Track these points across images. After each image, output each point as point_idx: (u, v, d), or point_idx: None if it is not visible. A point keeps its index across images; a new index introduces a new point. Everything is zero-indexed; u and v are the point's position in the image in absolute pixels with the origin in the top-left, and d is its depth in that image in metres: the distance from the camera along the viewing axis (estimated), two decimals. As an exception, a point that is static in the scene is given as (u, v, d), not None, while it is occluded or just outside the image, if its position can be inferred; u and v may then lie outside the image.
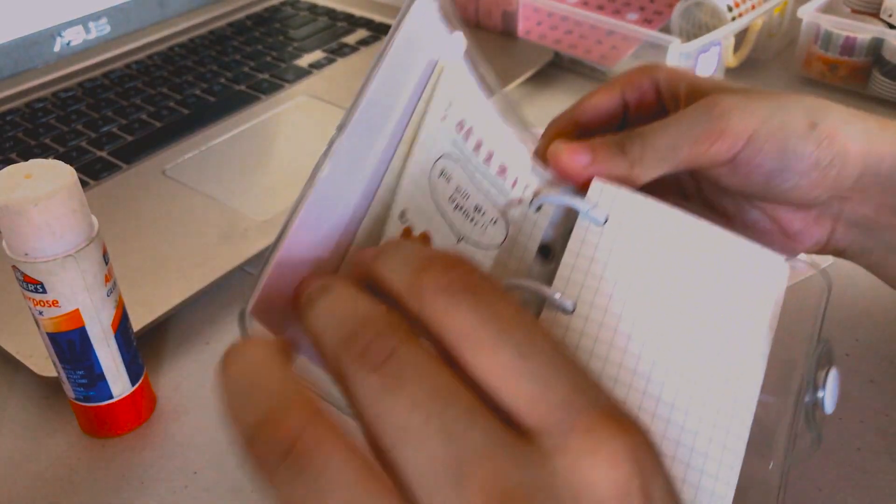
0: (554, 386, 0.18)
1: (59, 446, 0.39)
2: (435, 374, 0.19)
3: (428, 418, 0.18)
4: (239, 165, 0.56)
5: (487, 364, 0.19)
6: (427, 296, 0.20)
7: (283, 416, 0.19)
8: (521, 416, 0.18)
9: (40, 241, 0.32)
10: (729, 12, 0.66)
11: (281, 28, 0.76)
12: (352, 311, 0.20)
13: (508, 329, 0.19)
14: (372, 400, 0.19)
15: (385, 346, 0.19)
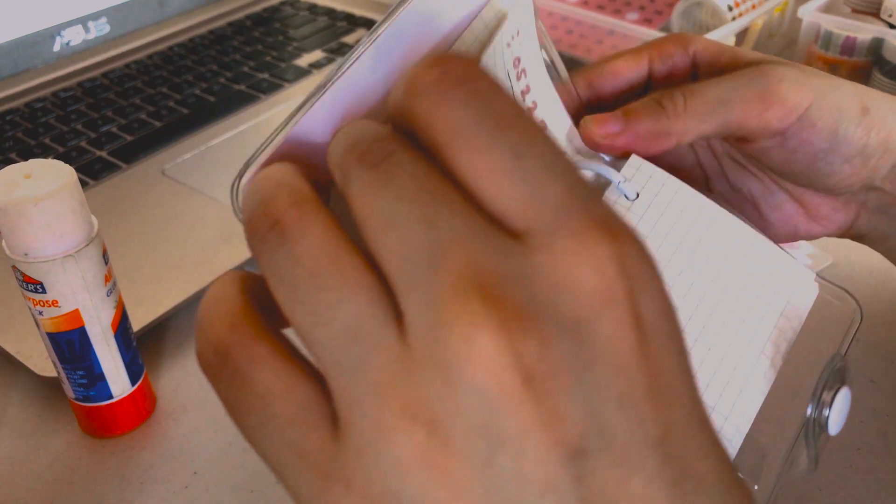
0: (548, 187, 0.17)
1: (59, 446, 0.39)
2: (425, 174, 0.18)
3: (411, 208, 0.17)
4: (239, 165, 0.55)
5: (480, 164, 0.18)
6: (421, 90, 0.18)
7: (272, 198, 0.19)
8: (510, 217, 0.17)
9: (40, 241, 0.32)
10: (729, 12, 0.66)
11: (281, 28, 0.76)
12: (361, 127, 0.20)
13: (505, 126, 0.18)
14: (363, 193, 0.18)
15: (384, 149, 0.19)
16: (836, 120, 0.33)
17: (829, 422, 0.28)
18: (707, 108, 0.32)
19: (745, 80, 0.33)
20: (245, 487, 0.37)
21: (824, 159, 0.33)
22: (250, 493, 0.36)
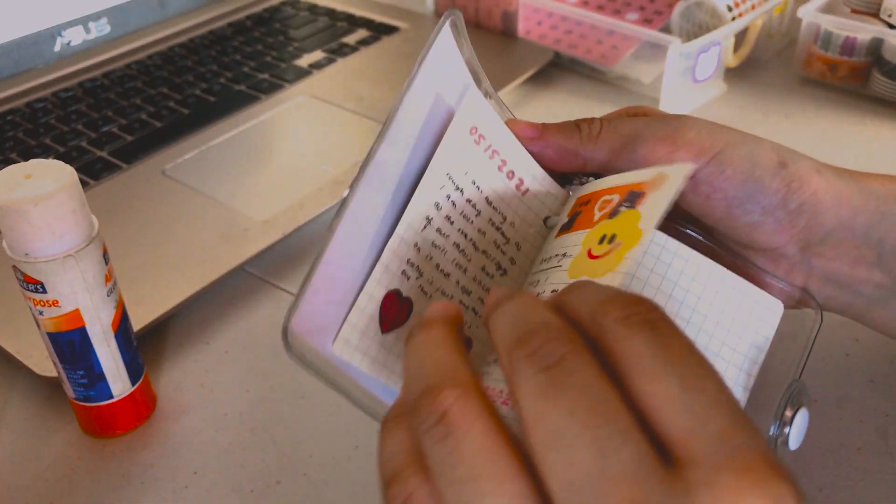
0: (710, 420, 0.19)
1: (59, 446, 0.39)
2: (598, 389, 0.19)
3: (583, 429, 0.19)
4: (239, 165, 0.56)
5: (650, 390, 0.19)
6: (608, 322, 0.21)
7: (440, 388, 0.21)
8: (675, 445, 0.19)
9: (40, 241, 0.32)
10: (729, 12, 0.66)
11: (281, 28, 0.76)
12: (531, 314, 0.22)
13: (677, 362, 0.20)
14: (534, 398, 0.20)
15: (556, 350, 0.20)
16: (749, 168, 0.32)
17: (789, 438, 0.31)
18: (618, 140, 0.33)
19: (660, 121, 0.34)
20: (245, 487, 0.37)
21: (741, 207, 0.33)
22: (250, 493, 0.36)
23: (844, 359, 0.42)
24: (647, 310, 0.21)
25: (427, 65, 0.29)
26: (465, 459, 0.20)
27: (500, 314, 0.23)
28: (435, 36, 0.29)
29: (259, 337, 0.45)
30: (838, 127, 0.63)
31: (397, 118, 0.28)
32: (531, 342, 0.21)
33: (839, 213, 0.33)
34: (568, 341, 0.20)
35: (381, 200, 0.29)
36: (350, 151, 0.57)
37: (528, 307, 0.22)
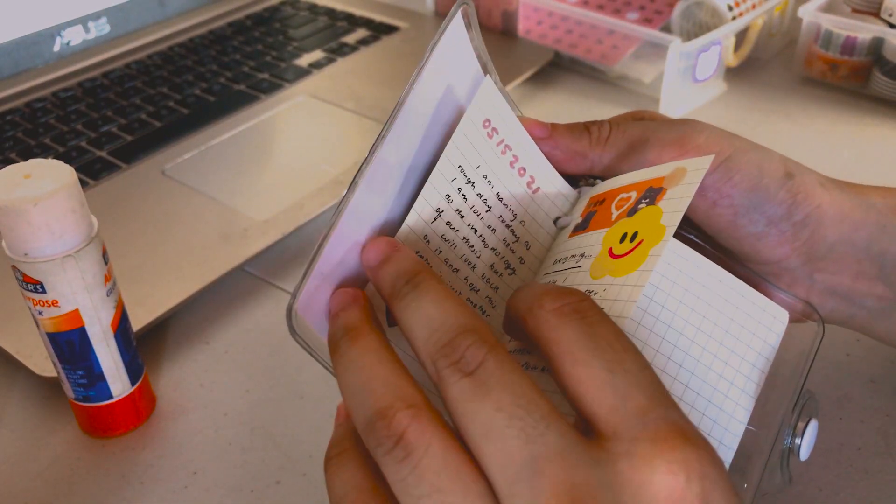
0: (631, 398, 0.21)
1: (59, 446, 0.39)
2: (517, 383, 0.21)
3: (510, 420, 0.21)
4: (239, 165, 0.56)
5: (578, 374, 0.22)
6: (542, 313, 0.23)
7: (394, 411, 0.22)
8: (599, 422, 0.21)
9: (40, 241, 0.32)
10: (729, 11, 0.66)
11: (281, 28, 0.76)
12: (445, 317, 0.23)
13: (603, 347, 0.22)
14: (462, 401, 0.22)
15: (477, 356, 0.22)
16: (756, 176, 0.32)
17: (800, 449, 0.31)
18: (626, 144, 0.34)
19: (668, 125, 0.34)
20: (245, 487, 0.37)
21: (746, 216, 0.33)
22: (250, 493, 0.36)
23: (845, 359, 0.42)
24: (578, 300, 0.23)
25: (438, 52, 0.29)
26: (428, 476, 0.21)
27: (411, 312, 0.24)
28: (446, 24, 0.29)
29: (259, 337, 0.45)
30: (839, 127, 0.63)
31: (406, 106, 0.28)
32: (453, 352, 0.22)
33: (841, 228, 0.33)
34: (483, 342, 0.22)
35: (389, 187, 0.29)
36: (350, 151, 0.56)
37: (440, 304, 0.24)
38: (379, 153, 0.27)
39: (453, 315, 0.23)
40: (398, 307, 0.25)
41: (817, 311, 0.34)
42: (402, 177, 0.29)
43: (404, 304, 0.24)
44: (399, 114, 0.28)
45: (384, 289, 0.26)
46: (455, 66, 0.31)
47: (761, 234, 0.33)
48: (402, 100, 0.28)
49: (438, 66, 0.29)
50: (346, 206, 0.27)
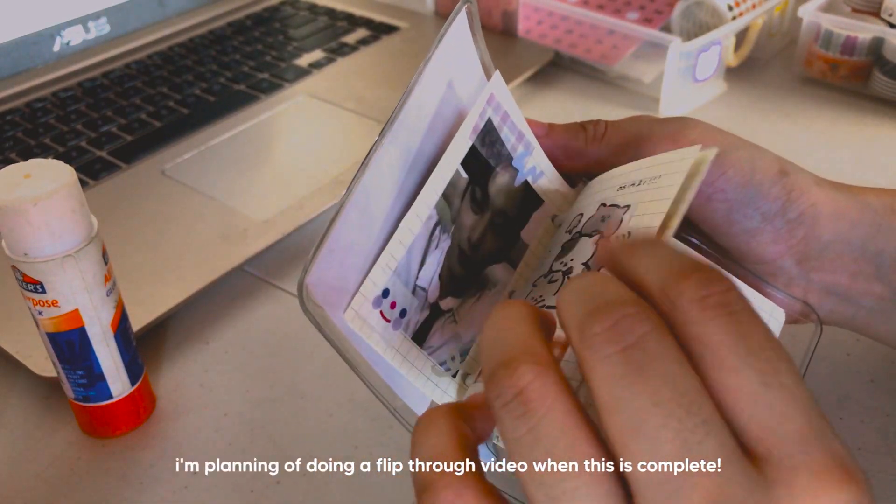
0: (790, 419, 0.19)
1: (59, 446, 0.39)
2: (681, 376, 0.19)
3: (666, 419, 0.18)
4: (239, 165, 0.56)
5: (728, 383, 0.19)
6: (682, 302, 0.20)
7: (518, 363, 0.20)
8: (752, 440, 0.19)
9: (39, 241, 0.32)
10: (729, 11, 0.66)
11: (280, 28, 0.76)
12: (604, 289, 0.21)
13: (756, 355, 0.19)
14: (612, 382, 0.19)
15: (635, 328, 0.19)
16: (750, 172, 0.32)
17: None
18: (621, 141, 0.34)
19: (662, 122, 0.34)
20: (245, 487, 0.37)
21: (741, 212, 0.33)
22: (250, 493, 0.36)
23: (845, 358, 0.42)
24: (724, 290, 0.20)
25: (442, 48, 0.29)
26: (544, 440, 0.19)
27: (567, 291, 0.21)
28: (450, 22, 0.30)
29: (259, 337, 0.45)
30: (839, 126, 0.63)
31: (411, 98, 0.29)
32: (607, 317, 0.19)
33: (836, 226, 0.33)
34: (646, 319, 0.19)
35: (395, 177, 0.29)
36: (350, 151, 0.56)
37: (599, 280, 0.21)
38: (385, 140, 0.28)
39: (616, 287, 0.21)
40: (559, 296, 0.22)
41: (815, 310, 0.34)
42: (407, 166, 0.30)
43: (564, 288, 0.22)
44: (404, 106, 0.28)
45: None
46: (458, 63, 0.31)
47: (756, 230, 0.33)
48: (406, 92, 0.28)
49: (442, 62, 0.30)
50: (356, 186, 0.27)
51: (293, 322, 0.46)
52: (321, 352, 0.44)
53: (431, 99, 0.30)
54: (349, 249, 0.28)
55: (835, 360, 0.42)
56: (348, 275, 0.28)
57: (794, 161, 0.35)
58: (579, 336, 0.20)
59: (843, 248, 0.34)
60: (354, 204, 0.27)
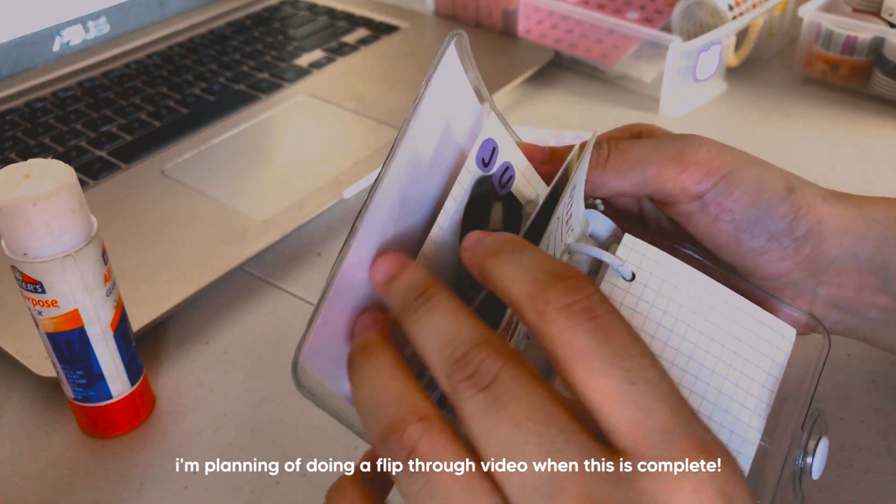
0: (655, 413, 0.20)
1: (59, 446, 0.39)
2: (534, 395, 0.21)
3: (528, 436, 0.20)
4: (238, 165, 0.56)
5: (595, 385, 0.20)
6: (549, 312, 0.21)
7: (405, 424, 0.22)
8: (619, 436, 0.20)
9: (39, 241, 0.32)
10: (730, 11, 0.66)
11: (280, 27, 0.76)
12: (457, 330, 0.23)
13: (620, 355, 0.20)
14: (479, 416, 0.21)
15: (491, 369, 0.21)
16: (758, 190, 0.32)
17: (812, 468, 0.31)
18: (626, 165, 0.33)
19: (667, 142, 0.33)
20: (245, 488, 0.37)
21: (748, 230, 0.33)
22: (250, 493, 0.36)
23: (846, 359, 0.42)
24: (588, 295, 0.21)
25: (433, 86, 0.28)
26: (441, 489, 0.21)
27: (422, 328, 0.23)
28: (440, 57, 0.28)
29: (259, 337, 0.45)
30: (839, 126, 0.63)
31: (404, 143, 0.27)
32: (467, 367, 0.22)
33: (843, 241, 0.33)
34: (499, 356, 0.21)
35: (389, 231, 0.28)
36: (350, 151, 0.56)
37: (449, 317, 0.23)
38: (377, 196, 0.26)
39: (467, 327, 0.23)
40: (409, 322, 0.24)
41: (822, 323, 0.34)
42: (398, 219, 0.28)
43: (415, 319, 0.24)
44: (397, 152, 0.26)
45: (395, 305, 0.25)
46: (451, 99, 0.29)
47: (763, 248, 0.33)
48: (399, 137, 0.27)
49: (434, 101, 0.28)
50: (346, 255, 0.26)
51: (293, 322, 0.46)
52: (321, 352, 0.44)
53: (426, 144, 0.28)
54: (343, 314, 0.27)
55: (835, 360, 0.42)
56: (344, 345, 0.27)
57: (794, 161, 0.34)
58: (446, 382, 0.22)
59: (849, 262, 0.33)
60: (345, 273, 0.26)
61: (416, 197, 0.29)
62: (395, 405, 0.23)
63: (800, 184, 0.33)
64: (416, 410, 0.22)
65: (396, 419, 0.22)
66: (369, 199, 0.26)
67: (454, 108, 0.30)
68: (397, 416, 0.22)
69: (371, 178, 0.53)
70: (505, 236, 0.25)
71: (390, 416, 0.22)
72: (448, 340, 0.22)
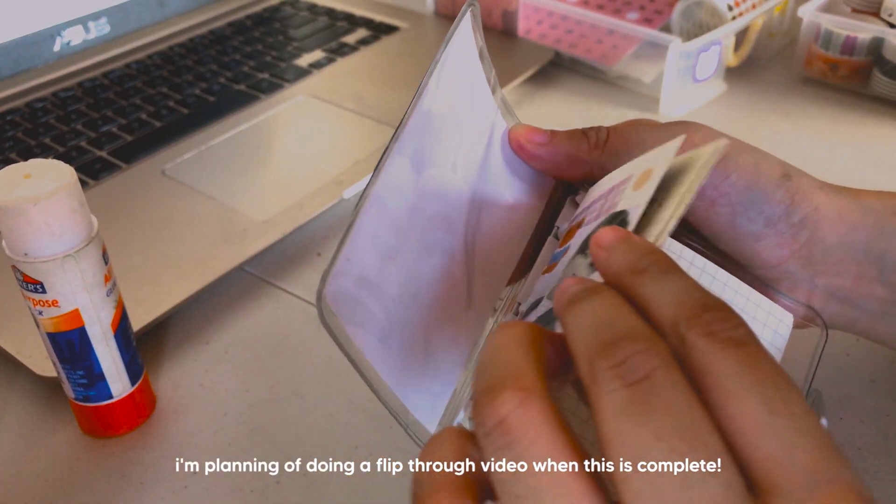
0: (799, 449, 0.18)
1: (59, 446, 0.39)
2: (687, 410, 0.18)
3: (669, 455, 0.18)
4: (239, 165, 0.56)
5: (734, 411, 0.18)
6: (691, 337, 0.19)
7: (501, 390, 0.19)
8: (759, 471, 0.18)
9: (40, 241, 0.32)
10: (729, 11, 0.66)
11: (281, 28, 0.76)
12: (615, 319, 0.20)
13: (765, 384, 0.19)
14: (616, 415, 0.19)
15: (644, 365, 0.19)
16: (754, 175, 0.32)
17: None
18: (623, 147, 0.33)
19: (664, 126, 0.34)
20: (245, 487, 0.37)
21: (745, 215, 0.33)
22: (250, 493, 0.36)
23: (845, 358, 0.42)
24: (734, 326, 0.20)
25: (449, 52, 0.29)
26: (527, 475, 0.18)
27: (580, 313, 0.21)
28: (456, 25, 0.30)
29: (259, 337, 0.45)
30: (839, 127, 0.63)
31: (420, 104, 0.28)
32: (617, 353, 0.19)
33: (839, 229, 0.33)
34: (656, 354, 0.19)
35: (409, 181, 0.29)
36: (350, 151, 0.56)
37: (610, 307, 0.21)
38: (395, 147, 0.28)
39: (626, 318, 0.20)
40: (569, 314, 0.22)
41: (820, 315, 0.34)
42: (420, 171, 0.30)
43: (574, 308, 0.21)
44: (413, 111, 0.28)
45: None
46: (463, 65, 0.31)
47: (760, 234, 0.33)
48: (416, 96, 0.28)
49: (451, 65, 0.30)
50: (369, 195, 0.27)
51: (293, 322, 0.46)
52: (321, 352, 0.44)
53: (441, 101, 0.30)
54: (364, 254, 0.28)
55: (835, 359, 0.42)
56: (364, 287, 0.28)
57: (794, 161, 0.35)
58: (587, 368, 0.20)
59: (846, 251, 0.34)
60: (368, 211, 0.27)
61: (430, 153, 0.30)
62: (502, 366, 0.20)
63: (796, 172, 0.34)
64: (520, 378, 0.20)
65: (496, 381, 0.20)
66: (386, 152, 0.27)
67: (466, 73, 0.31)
68: (499, 378, 0.20)
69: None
70: (647, 247, 0.23)
71: (493, 376, 0.20)
72: (602, 325, 0.20)
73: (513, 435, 0.19)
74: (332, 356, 0.43)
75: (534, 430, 0.19)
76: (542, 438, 0.19)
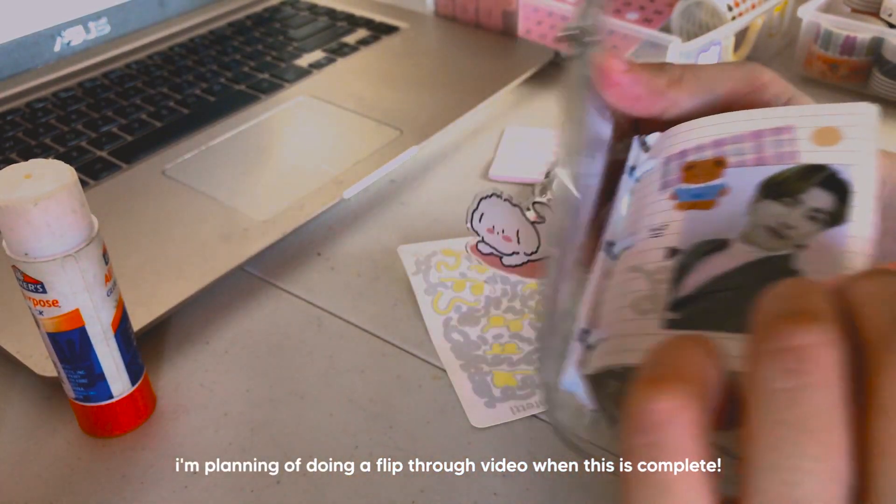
0: None
1: (59, 446, 0.39)
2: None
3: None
4: (239, 165, 0.56)
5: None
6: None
7: (813, 319, 0.18)
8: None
9: (40, 241, 0.32)
10: (729, 12, 0.66)
11: (281, 28, 0.76)
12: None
13: None
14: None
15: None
16: None
17: None
18: (699, 86, 0.33)
19: (730, 66, 0.34)
20: (245, 487, 0.37)
21: None
22: (250, 493, 0.36)
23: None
24: None
25: None
26: (805, 406, 0.17)
27: (870, 286, 0.19)
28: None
29: (259, 337, 0.45)
30: (838, 126, 0.63)
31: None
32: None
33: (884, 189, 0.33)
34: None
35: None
36: (350, 151, 0.56)
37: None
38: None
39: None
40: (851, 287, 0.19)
41: None
42: None
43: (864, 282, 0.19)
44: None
45: None
46: None
47: None
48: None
49: None
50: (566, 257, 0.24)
51: (293, 322, 0.46)
52: (321, 352, 0.44)
53: None
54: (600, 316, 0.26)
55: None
56: None
57: None
58: (879, 342, 0.18)
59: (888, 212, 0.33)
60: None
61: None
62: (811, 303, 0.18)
63: None
64: (829, 321, 0.18)
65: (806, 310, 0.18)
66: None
67: None
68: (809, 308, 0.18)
69: (370, 180, 0.53)
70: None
71: (800, 305, 0.18)
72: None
73: (808, 364, 0.17)
74: (332, 356, 0.43)
75: (829, 374, 0.17)
76: (834, 388, 0.17)
